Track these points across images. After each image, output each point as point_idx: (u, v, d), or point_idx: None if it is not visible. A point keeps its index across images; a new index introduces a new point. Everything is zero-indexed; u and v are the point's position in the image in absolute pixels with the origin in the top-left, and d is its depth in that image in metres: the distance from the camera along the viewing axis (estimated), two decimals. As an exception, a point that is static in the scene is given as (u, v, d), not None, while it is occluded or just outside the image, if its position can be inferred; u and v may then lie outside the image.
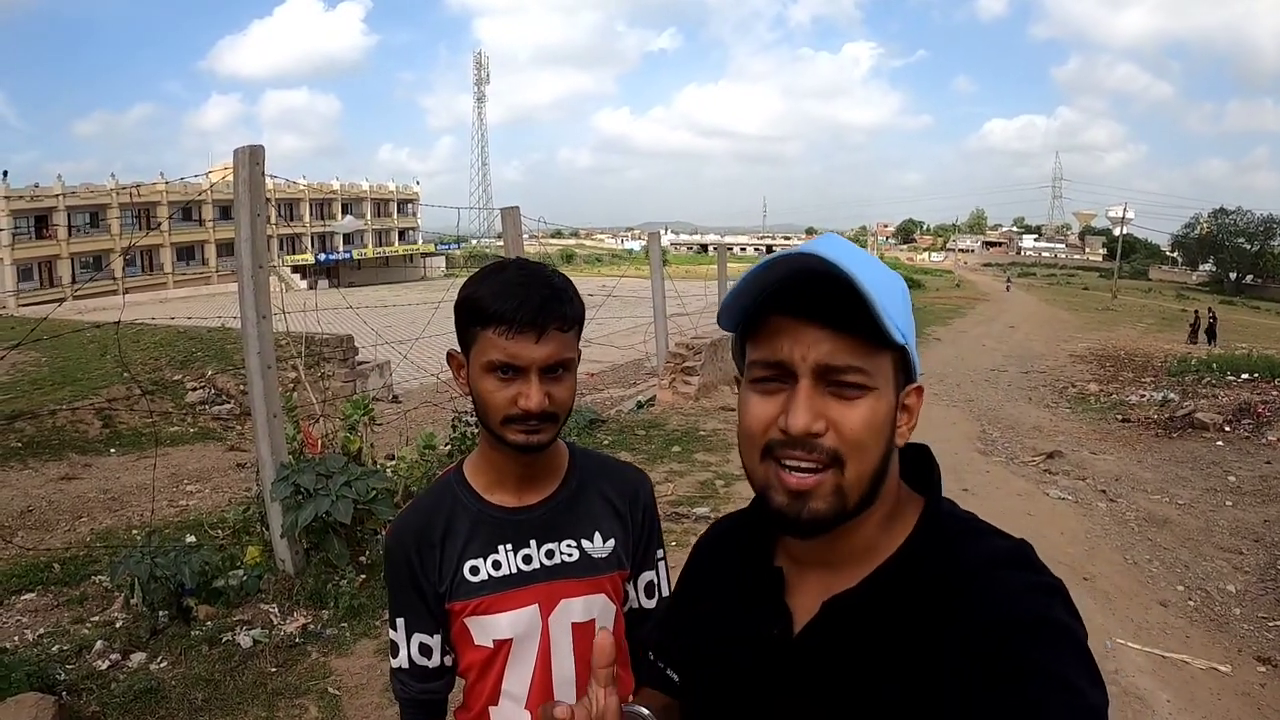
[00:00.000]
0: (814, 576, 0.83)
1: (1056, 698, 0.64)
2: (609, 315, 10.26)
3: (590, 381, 14.37)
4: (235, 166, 3.81)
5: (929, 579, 0.75)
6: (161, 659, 3.38)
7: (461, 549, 1.25)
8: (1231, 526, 6.21)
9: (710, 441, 7.84)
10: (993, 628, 0.69)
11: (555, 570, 1.27)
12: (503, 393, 1.15)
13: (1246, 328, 35.29)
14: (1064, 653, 0.67)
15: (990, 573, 0.73)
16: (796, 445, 0.75)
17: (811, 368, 0.75)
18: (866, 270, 0.73)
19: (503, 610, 1.24)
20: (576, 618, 1.28)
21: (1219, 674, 3.89)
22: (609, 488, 1.34)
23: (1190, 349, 25.10)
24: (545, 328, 1.13)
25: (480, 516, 1.26)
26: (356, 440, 4.84)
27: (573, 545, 1.28)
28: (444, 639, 1.29)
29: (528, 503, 1.28)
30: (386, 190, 66.96)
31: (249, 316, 3.92)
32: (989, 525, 0.81)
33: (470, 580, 1.24)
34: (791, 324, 0.76)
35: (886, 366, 0.76)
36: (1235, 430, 9.85)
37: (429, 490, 1.34)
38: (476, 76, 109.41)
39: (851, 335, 0.74)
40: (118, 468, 8.24)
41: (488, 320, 1.13)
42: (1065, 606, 0.71)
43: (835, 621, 0.78)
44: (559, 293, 1.17)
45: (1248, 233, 73.57)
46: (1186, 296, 59.60)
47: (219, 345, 11.92)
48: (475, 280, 1.18)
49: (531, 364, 1.14)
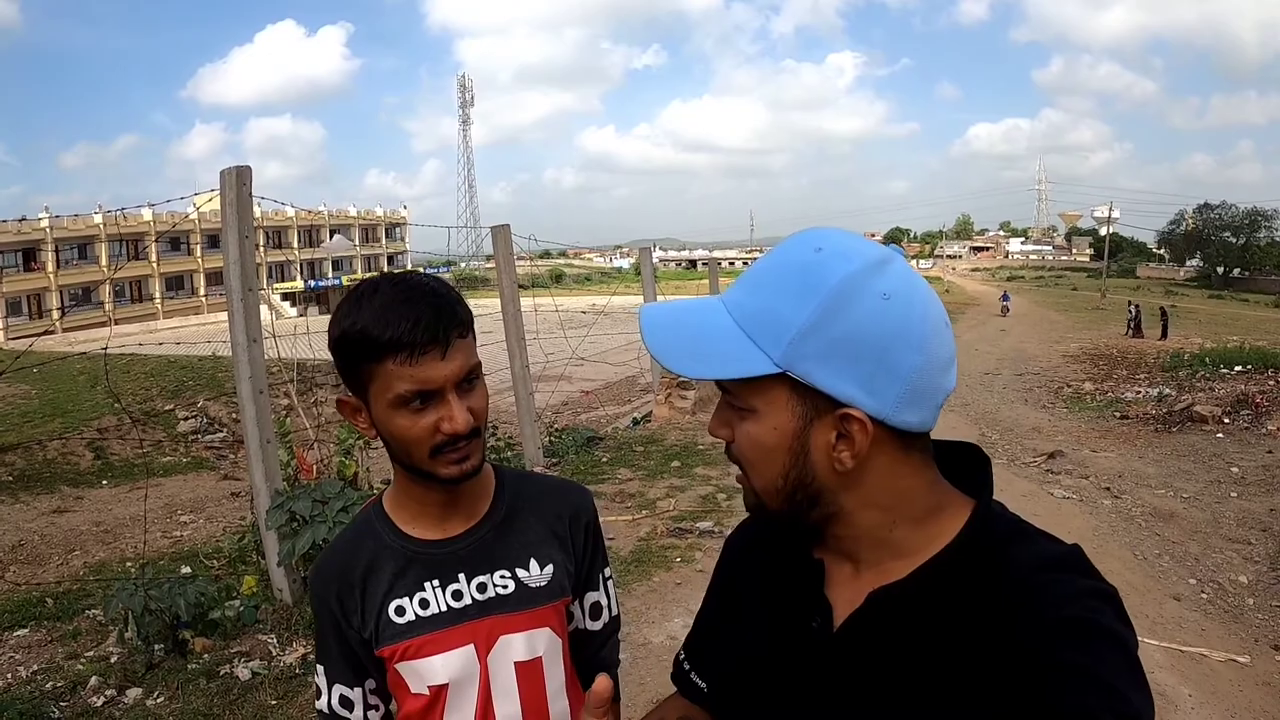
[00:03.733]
0: (853, 571, 0.82)
1: (1101, 703, 0.63)
2: (601, 333, 10.23)
3: (585, 400, 14.33)
4: (222, 188, 3.75)
5: (977, 577, 0.74)
6: (158, 694, 3.29)
7: (385, 589, 1.14)
8: (1238, 517, 6.19)
9: (709, 456, 7.75)
10: (1041, 630, 0.67)
11: (489, 605, 1.16)
12: (420, 424, 1.04)
13: (1236, 320, 35.53)
14: (1112, 659, 0.66)
15: (1041, 575, 0.72)
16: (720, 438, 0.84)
17: (716, 385, 0.81)
18: (735, 307, 0.79)
19: (434, 653, 1.13)
20: (519, 656, 1.16)
21: (1238, 665, 3.85)
22: (544, 509, 1.24)
23: (1134, 342, 25.80)
24: (448, 340, 1.03)
25: (403, 553, 1.15)
26: (352, 465, 4.77)
27: (506, 576, 1.17)
28: (374, 690, 1.19)
29: (453, 534, 1.17)
30: (374, 215, 67.03)
31: (239, 340, 3.86)
32: (1040, 530, 0.79)
33: (396, 622, 1.13)
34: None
35: (772, 393, 0.76)
36: (1234, 422, 9.87)
37: (348, 527, 1.23)
38: (461, 99, 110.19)
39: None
40: (110, 499, 8.15)
41: (383, 350, 1.01)
42: (1116, 613, 0.70)
43: (879, 614, 0.77)
44: (445, 298, 1.06)
45: (1233, 226, 74.23)
46: (1175, 292, 60.11)
47: (210, 374, 11.83)
48: (348, 310, 1.05)
49: (446, 382, 1.04)
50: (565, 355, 8.93)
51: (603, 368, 13.87)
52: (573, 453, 7.71)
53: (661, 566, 4.87)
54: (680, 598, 4.48)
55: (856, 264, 0.74)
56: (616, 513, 5.93)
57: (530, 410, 6.62)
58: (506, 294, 6.41)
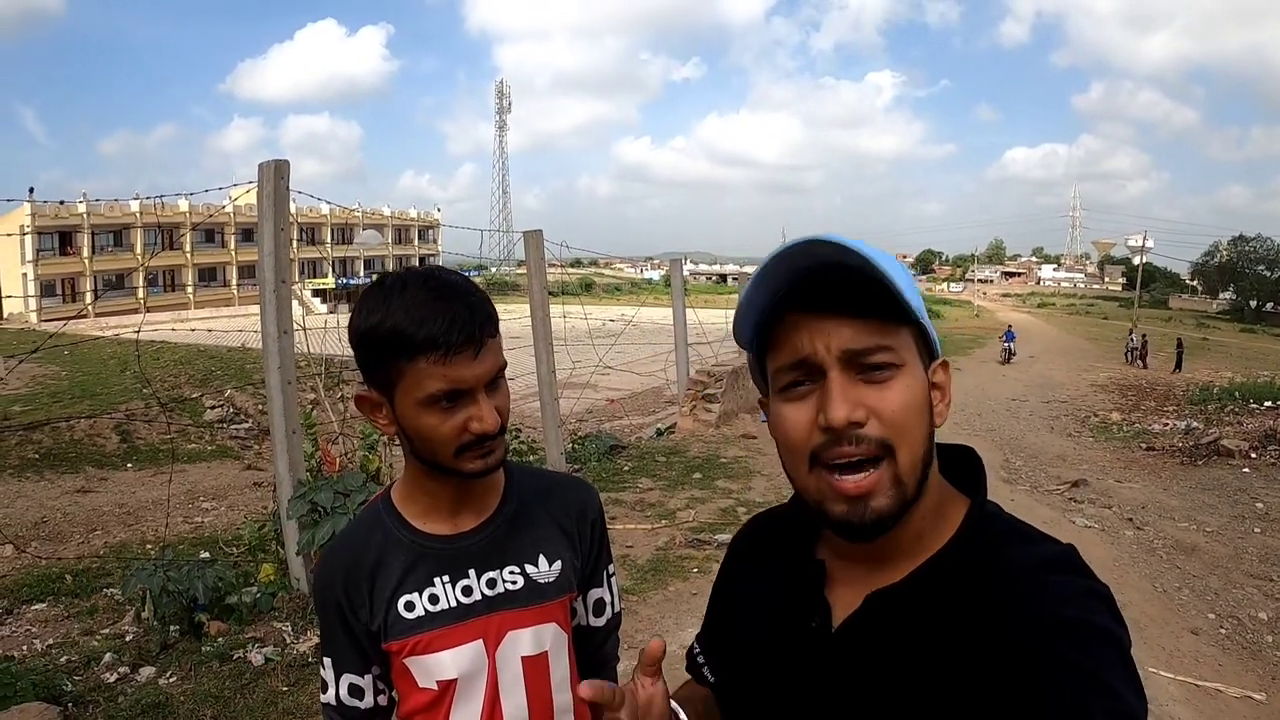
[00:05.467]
0: (856, 571, 0.81)
1: (1099, 702, 0.63)
2: (628, 343, 10.23)
3: (610, 408, 14.33)
4: (260, 180, 3.82)
5: (974, 578, 0.74)
6: (171, 674, 3.34)
7: (395, 584, 1.14)
8: (1261, 553, 6.10)
9: (732, 469, 7.74)
10: (1037, 630, 0.68)
11: (498, 601, 1.16)
12: (450, 422, 1.04)
13: (1267, 355, 34.89)
14: (1107, 658, 0.66)
15: (1036, 575, 0.72)
16: (842, 441, 0.73)
17: (838, 356, 0.74)
18: (871, 250, 0.73)
19: (444, 648, 1.13)
20: (526, 651, 1.17)
21: (1253, 702, 3.80)
22: (553, 505, 1.24)
23: (1135, 370, 25.60)
24: (482, 341, 1.03)
25: (413, 548, 1.15)
26: (376, 459, 4.81)
27: (516, 572, 1.17)
28: (379, 678, 1.18)
29: (464, 529, 1.16)
30: (408, 216, 67.59)
31: (270, 331, 3.91)
32: (1035, 529, 0.80)
33: (406, 617, 1.13)
34: (807, 319, 0.75)
35: (909, 342, 0.76)
36: (1262, 457, 9.71)
37: (356, 520, 1.22)
38: (498, 105, 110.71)
39: (868, 317, 0.74)
40: (134, 482, 8.26)
41: (416, 349, 1.00)
42: (1111, 613, 0.70)
43: (877, 615, 0.77)
44: (477, 298, 1.05)
45: (1268, 259, 73.07)
46: (1207, 325, 59.15)
47: (239, 364, 11.98)
48: (373, 305, 1.04)
49: (477, 383, 1.04)
50: (592, 363, 8.94)
51: (629, 377, 13.90)
52: (595, 460, 7.72)
53: (678, 576, 4.87)
54: (695, 608, 4.47)
55: None
56: (636, 521, 5.94)
57: (555, 415, 6.64)
58: (536, 299, 6.44)
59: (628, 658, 1.94)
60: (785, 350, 0.77)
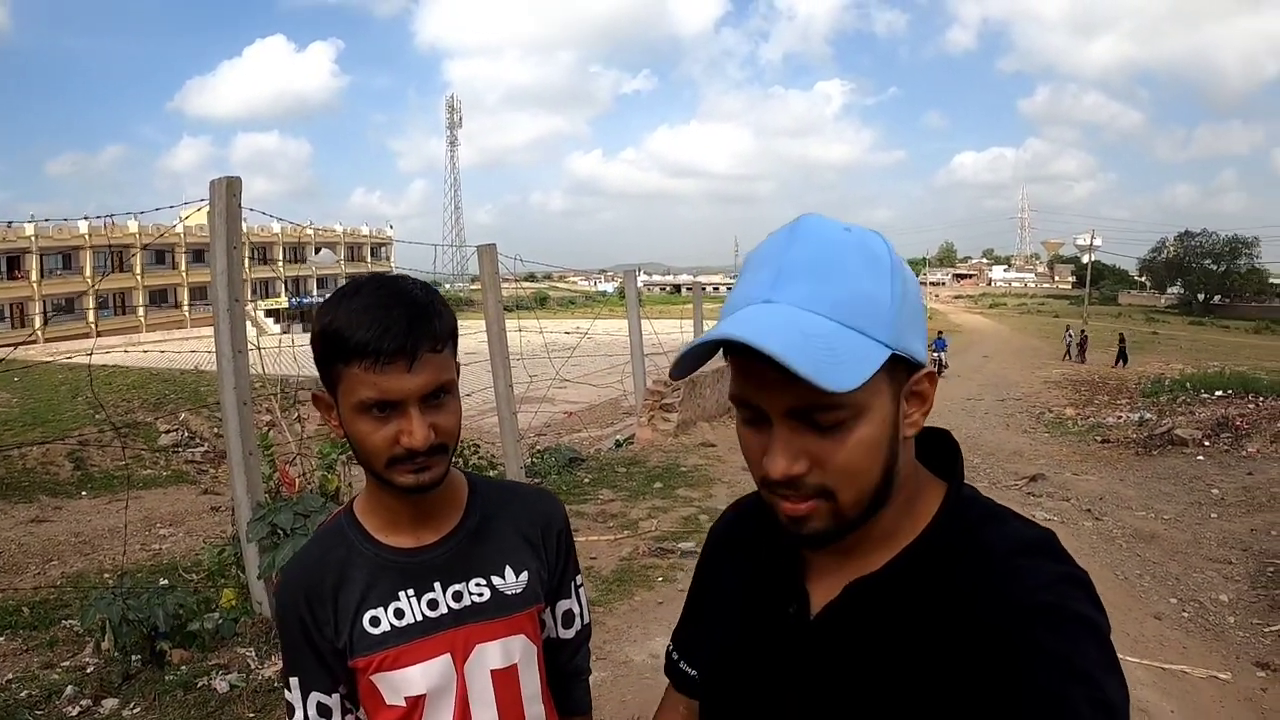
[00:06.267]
0: (833, 559, 0.81)
1: (1076, 689, 0.63)
2: (584, 356, 10.25)
3: (568, 421, 14.30)
4: (211, 198, 3.75)
5: (952, 565, 0.74)
6: (135, 705, 3.24)
7: (359, 599, 1.12)
8: (1219, 537, 6.28)
9: (692, 477, 7.79)
10: (1015, 617, 0.68)
11: (465, 614, 1.14)
12: (381, 433, 1.02)
13: (1216, 346, 35.95)
14: (1086, 645, 0.66)
15: (1014, 561, 0.72)
16: (783, 487, 0.73)
17: (782, 413, 0.72)
18: (832, 291, 0.70)
19: (411, 663, 1.11)
20: (495, 664, 1.16)
21: (1220, 682, 3.89)
22: (518, 516, 1.23)
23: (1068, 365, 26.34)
24: (416, 353, 1.00)
25: (377, 561, 1.13)
26: (334, 479, 4.74)
27: (482, 584, 1.16)
28: (346, 697, 1.15)
29: (426, 542, 1.15)
30: (360, 234, 66.88)
31: (224, 351, 3.84)
32: (1012, 511, 0.80)
33: (371, 633, 1.11)
34: (751, 367, 0.71)
35: (875, 381, 0.70)
36: (1215, 444, 10.00)
37: (318, 535, 1.20)
38: (449, 120, 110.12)
39: None
40: (89, 510, 8.05)
41: (350, 354, 0.99)
42: (1089, 598, 0.70)
43: (856, 604, 0.78)
44: (424, 308, 1.03)
45: (1214, 254, 75.20)
46: (1156, 319, 60.74)
47: (192, 387, 11.74)
48: (328, 308, 1.03)
49: (408, 396, 1.01)
50: (549, 377, 8.94)
51: (586, 390, 13.88)
52: (555, 473, 7.70)
53: (643, 586, 4.87)
54: (662, 616, 4.47)
55: (875, 234, 0.76)
56: (599, 532, 5.93)
57: (513, 430, 6.60)
58: (492, 313, 6.40)
59: (596, 669, 1.92)
60: (736, 385, 0.75)
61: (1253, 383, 14.57)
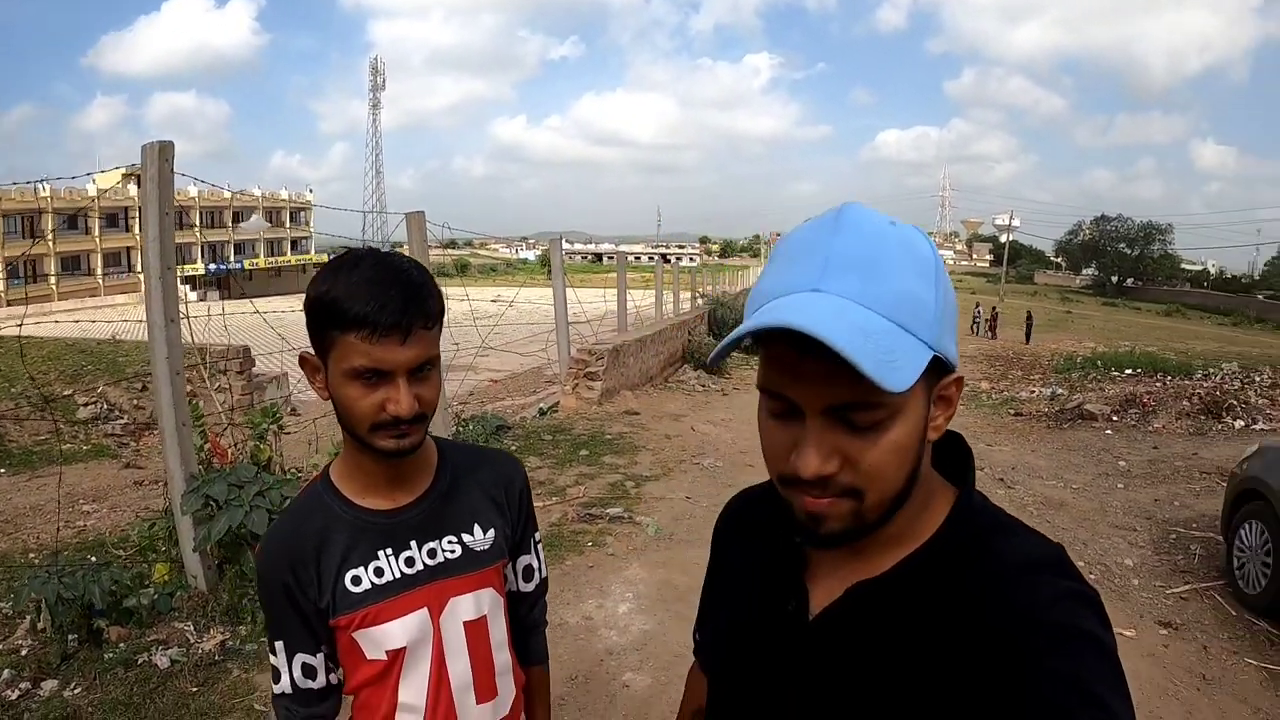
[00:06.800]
0: (837, 557, 0.80)
1: (1085, 712, 0.62)
2: (506, 324, 10.24)
3: (492, 389, 14.23)
4: (143, 163, 3.64)
5: (959, 574, 0.73)
6: (75, 685, 3.18)
7: (340, 560, 1.18)
8: (1124, 506, 6.66)
9: (617, 445, 7.95)
10: (1023, 633, 0.67)
11: (440, 569, 1.22)
12: (369, 399, 1.08)
13: (1129, 327, 37.60)
14: (1094, 665, 0.65)
15: (1023, 576, 0.71)
16: (810, 484, 0.70)
17: (820, 409, 0.69)
18: (878, 289, 0.68)
19: (392, 618, 1.18)
20: (467, 615, 1.23)
21: (1125, 638, 4.13)
22: (484, 478, 1.31)
23: (981, 341, 27.52)
24: (410, 328, 1.07)
25: (356, 524, 1.19)
26: (267, 449, 4.67)
27: (454, 541, 1.24)
28: (328, 656, 1.22)
29: (402, 504, 1.22)
30: (279, 198, 64.61)
31: (156, 321, 3.75)
32: (1022, 523, 0.78)
33: (353, 591, 1.17)
34: (792, 358, 0.68)
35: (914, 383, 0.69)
36: (1123, 419, 10.52)
37: (297, 501, 1.25)
38: (372, 82, 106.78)
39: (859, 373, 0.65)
40: (9, 489, 7.70)
41: (347, 324, 1.05)
42: (1098, 618, 0.69)
43: (857, 608, 0.76)
44: (420, 288, 1.09)
45: (1129, 239, 78.16)
46: (1071, 299, 63.12)
47: (110, 358, 11.29)
48: (326, 277, 1.09)
49: (398, 367, 1.07)
50: (473, 345, 8.90)
51: (509, 358, 13.80)
52: (482, 440, 7.68)
53: (574, 551, 4.98)
54: (593, 579, 4.60)
55: (918, 230, 0.73)
56: (527, 499, 6.00)
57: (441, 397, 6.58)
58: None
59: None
60: (769, 377, 0.72)
61: (1161, 363, 15.28)
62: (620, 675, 3.65)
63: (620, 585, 4.58)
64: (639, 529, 5.54)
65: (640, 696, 3.49)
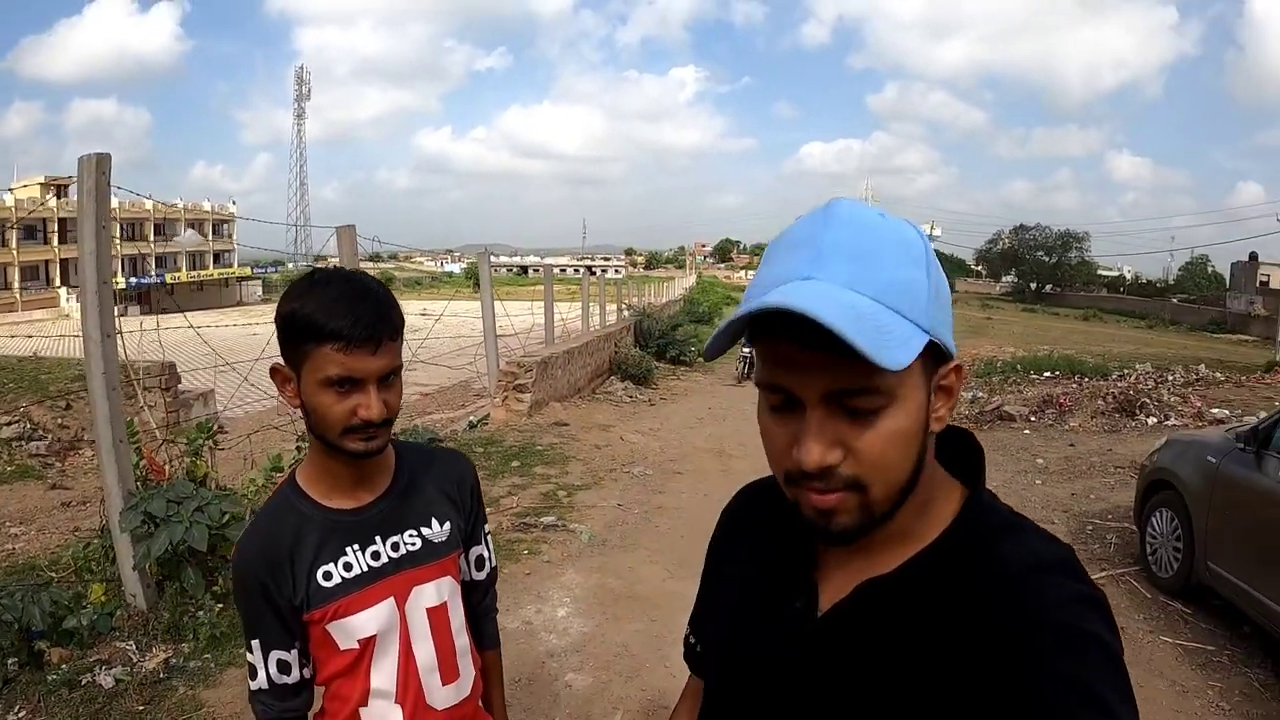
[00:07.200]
0: (844, 554, 0.79)
1: (1084, 712, 0.63)
2: (433, 338, 10.27)
3: (421, 403, 14.12)
4: (80, 175, 3.61)
5: (969, 574, 0.73)
6: (19, 709, 3.13)
7: (312, 557, 1.27)
8: (1043, 501, 6.99)
9: (548, 455, 8.08)
10: (1031, 636, 0.66)
11: (403, 561, 1.32)
12: (341, 405, 1.18)
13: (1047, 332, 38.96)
14: (1100, 669, 0.65)
15: (1032, 578, 0.71)
16: (813, 478, 0.70)
17: (820, 396, 0.69)
18: (875, 274, 0.69)
19: (362, 608, 1.27)
20: (429, 602, 1.33)
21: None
22: (438, 476, 1.42)
23: None
24: (380, 340, 1.18)
25: (325, 523, 1.28)
26: (203, 465, 4.63)
27: (414, 535, 1.34)
28: (301, 651, 1.30)
29: (365, 502, 1.32)
30: (201, 210, 62.69)
31: (92, 335, 3.71)
32: (1032, 523, 0.78)
33: (324, 586, 1.26)
34: (790, 349, 0.69)
35: (905, 373, 0.69)
36: (1040, 419, 11.00)
37: (267, 507, 1.34)
38: (297, 92, 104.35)
39: (856, 358, 0.65)
40: (-72, 512, 7.36)
41: (323, 337, 1.15)
42: (1105, 621, 0.69)
43: (866, 606, 0.76)
44: (387, 304, 1.21)
45: (1046, 246, 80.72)
46: (991, 305, 65.19)
47: (32, 375, 10.88)
48: (298, 294, 1.19)
49: (369, 376, 1.18)
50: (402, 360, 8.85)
51: (436, 372, 13.71)
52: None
53: (510, 559, 5.05)
54: (530, 585, 4.69)
55: (908, 222, 0.74)
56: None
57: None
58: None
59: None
60: (767, 370, 0.72)
61: (1079, 365, 15.93)
62: (562, 676, 3.75)
63: (557, 591, 4.67)
64: (573, 536, 5.64)
65: (582, 695, 3.60)
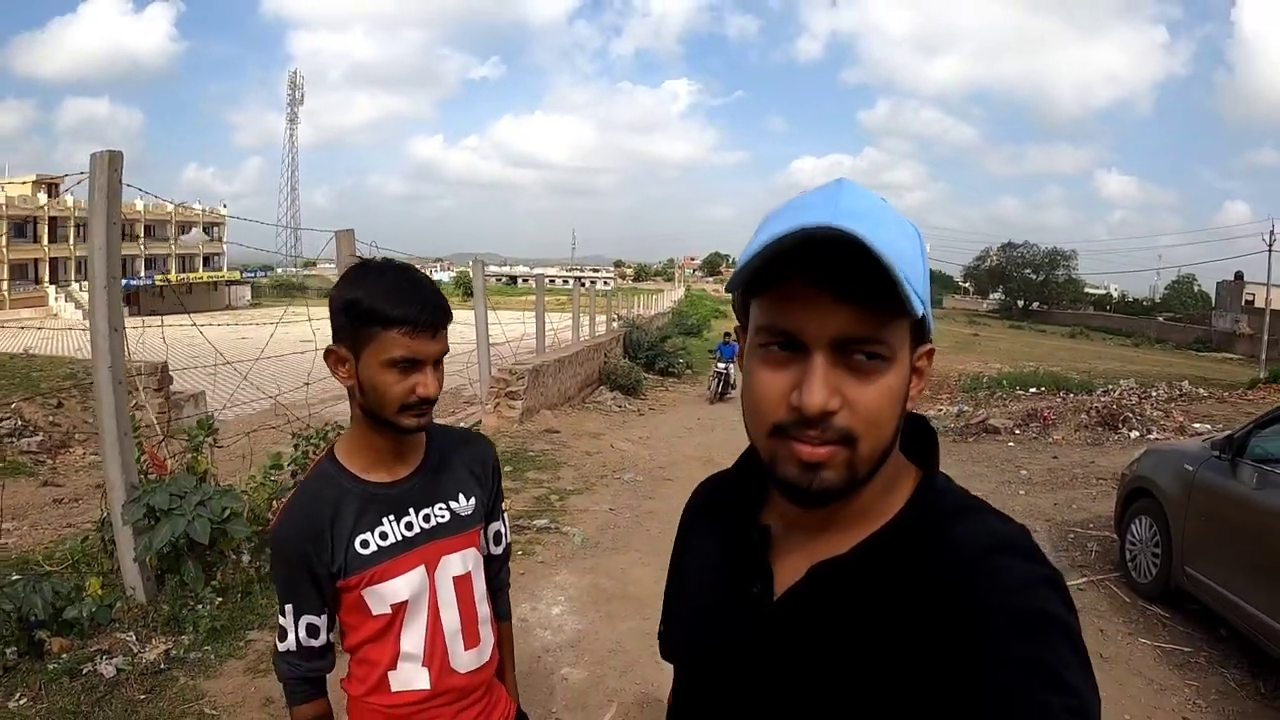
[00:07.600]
0: (802, 537, 0.81)
1: (1048, 694, 0.62)
2: None
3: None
4: (91, 172, 3.68)
5: (923, 555, 0.73)
6: (20, 696, 3.16)
7: (351, 527, 1.36)
8: (1026, 510, 7.14)
9: (540, 461, 8.22)
10: (988, 617, 0.66)
11: (434, 532, 1.42)
12: (402, 384, 1.30)
13: (1034, 348, 39.37)
14: (1059, 648, 0.65)
15: (988, 559, 0.70)
16: (809, 425, 0.70)
17: (828, 341, 0.70)
18: (887, 235, 0.68)
19: (396, 575, 1.37)
20: (456, 571, 1.44)
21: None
22: (466, 455, 1.53)
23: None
24: (439, 326, 1.32)
25: (363, 495, 1.38)
26: (204, 461, 4.68)
27: (444, 508, 1.45)
28: (329, 615, 1.40)
29: (400, 476, 1.42)
30: (192, 212, 62.50)
31: (100, 329, 3.78)
32: (987, 504, 0.78)
33: (362, 554, 1.36)
34: (806, 291, 0.69)
35: (903, 335, 0.72)
36: (1024, 433, 11.19)
37: (309, 481, 1.44)
38: (291, 96, 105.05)
39: (870, 306, 0.68)
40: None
41: (390, 322, 1.26)
42: (1062, 600, 0.69)
43: (820, 587, 0.76)
44: (439, 294, 1.34)
45: (1034, 264, 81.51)
46: (978, 322, 65.75)
47: (24, 372, 10.87)
48: (357, 283, 1.30)
49: (429, 358, 1.31)
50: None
51: None
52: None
53: (505, 559, 5.11)
54: (525, 585, 4.76)
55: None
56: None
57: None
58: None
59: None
60: (776, 313, 0.72)
61: (1064, 381, 16.22)
62: (558, 669, 3.85)
63: (551, 590, 4.76)
64: (566, 538, 5.73)
65: (578, 688, 3.69)
